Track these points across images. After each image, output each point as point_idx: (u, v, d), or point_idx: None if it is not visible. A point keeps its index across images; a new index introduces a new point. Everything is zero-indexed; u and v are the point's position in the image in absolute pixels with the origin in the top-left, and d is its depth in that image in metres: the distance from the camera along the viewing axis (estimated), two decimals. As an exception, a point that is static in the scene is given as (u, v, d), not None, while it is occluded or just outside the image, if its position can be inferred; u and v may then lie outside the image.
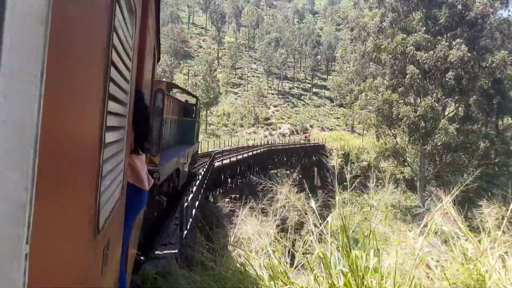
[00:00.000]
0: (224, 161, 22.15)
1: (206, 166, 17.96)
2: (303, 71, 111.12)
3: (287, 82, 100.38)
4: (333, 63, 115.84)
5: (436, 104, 33.12)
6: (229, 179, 23.85)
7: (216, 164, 20.45)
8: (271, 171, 37.47)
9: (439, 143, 33.15)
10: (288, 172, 48.80)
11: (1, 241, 0.68)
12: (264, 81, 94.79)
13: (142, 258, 6.31)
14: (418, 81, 33.97)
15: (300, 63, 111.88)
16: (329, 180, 49.01)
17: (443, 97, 34.20)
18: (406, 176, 49.54)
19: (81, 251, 1.30)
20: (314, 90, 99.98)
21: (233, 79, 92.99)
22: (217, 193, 21.12)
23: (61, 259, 1.04)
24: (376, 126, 36.18)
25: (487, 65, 32.38)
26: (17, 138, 0.71)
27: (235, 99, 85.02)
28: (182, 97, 19.60)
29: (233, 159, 23.76)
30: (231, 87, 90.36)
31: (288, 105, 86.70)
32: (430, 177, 38.68)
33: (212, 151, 24.72)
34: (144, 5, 2.91)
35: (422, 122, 34.26)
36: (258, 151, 30.59)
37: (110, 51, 1.50)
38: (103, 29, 1.41)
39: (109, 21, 1.48)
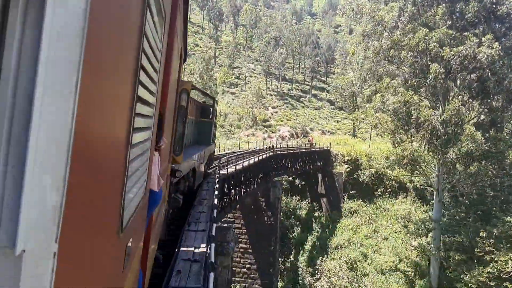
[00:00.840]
0: (230, 169, 18.47)
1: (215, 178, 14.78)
2: (302, 73, 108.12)
3: (286, 83, 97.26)
4: (332, 65, 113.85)
5: (463, 108, 29.69)
6: (233, 190, 20.21)
7: (221, 172, 16.86)
8: (275, 178, 33.92)
9: (463, 151, 29.69)
10: (291, 178, 45.37)
11: (32, 241, 0.70)
12: (262, 81, 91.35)
13: (161, 256, 5.99)
14: (442, 81, 30.53)
15: (299, 64, 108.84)
16: (335, 187, 45.42)
17: (470, 100, 30.77)
18: (417, 185, 46.11)
19: (105, 249, 1.33)
20: (313, 92, 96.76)
21: (230, 78, 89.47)
22: (220, 207, 17.48)
23: (86, 256, 1.07)
24: (393, 131, 32.65)
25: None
26: (52, 142, 0.74)
27: (232, 99, 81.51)
28: (199, 98, 19.70)
29: (239, 166, 20.10)
30: (228, 87, 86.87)
31: (287, 106, 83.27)
32: (448, 188, 35.22)
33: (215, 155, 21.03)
34: (173, 7, 3.06)
35: (445, 127, 30.82)
36: (263, 156, 26.92)
37: (140, 56, 1.57)
38: (134, 35, 1.47)
39: (140, 27, 1.56)
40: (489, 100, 31.26)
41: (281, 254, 35.98)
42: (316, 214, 43.32)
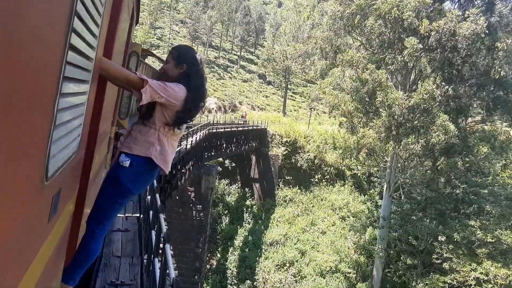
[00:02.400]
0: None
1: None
2: (230, 41, 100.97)
3: (213, 51, 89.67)
4: (262, 37, 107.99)
5: (437, 92, 25.12)
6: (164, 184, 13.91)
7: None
8: (207, 162, 27.38)
9: (433, 142, 25.31)
10: (220, 159, 38.96)
11: None
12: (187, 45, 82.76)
13: None
14: (415, 59, 25.70)
15: (227, 31, 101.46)
16: (269, 172, 39.88)
17: (442, 83, 26.31)
18: (357, 174, 42.03)
19: (26, 190, 1.30)
20: (242, 63, 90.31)
21: (151, 38, 79.81)
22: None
23: (3, 193, 1.03)
24: (351, 113, 27.41)
25: (502, 47, 24.97)
26: None
27: (153, 61, 72.43)
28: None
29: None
30: (148, 47, 77.39)
31: (214, 75, 76.03)
32: (401, 182, 31.10)
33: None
34: None
35: (413, 114, 26.22)
36: (198, 137, 20.37)
37: (71, 19, 1.52)
38: None
39: None
40: (461, 86, 27.09)
41: (206, 250, 29.83)
42: (247, 202, 37.54)
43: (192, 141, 18.10)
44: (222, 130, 28.91)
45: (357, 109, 27.36)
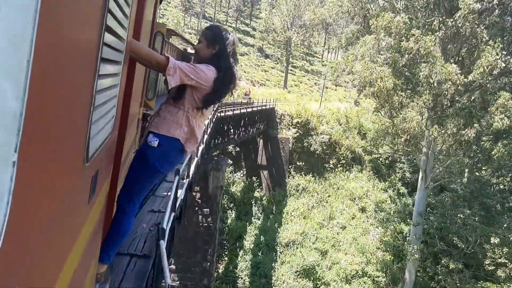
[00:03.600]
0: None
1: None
2: (224, 12, 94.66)
3: (206, 22, 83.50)
4: (257, 7, 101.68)
5: (501, 63, 20.11)
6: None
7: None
8: (214, 152, 22.40)
9: (495, 128, 20.52)
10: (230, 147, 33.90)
11: None
12: (180, 16, 76.60)
13: None
14: (470, 23, 20.58)
15: (221, 1, 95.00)
16: (279, 157, 34.96)
17: (503, 53, 21.27)
18: (375, 158, 37.25)
19: (69, 171, 1.30)
20: (238, 35, 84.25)
21: (140, 9, 73.38)
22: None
23: (47, 174, 1.04)
24: (388, 92, 22.29)
25: None
26: (12, 48, 0.74)
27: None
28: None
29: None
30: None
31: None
32: (439, 172, 26.37)
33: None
34: None
35: (468, 92, 21.28)
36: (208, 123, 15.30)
37: None
38: None
39: None
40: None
41: (216, 263, 25.07)
42: (256, 193, 32.68)
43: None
44: (231, 113, 23.76)
45: (397, 86, 22.29)
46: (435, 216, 26.45)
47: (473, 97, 20.80)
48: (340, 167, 36.79)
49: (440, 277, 25.11)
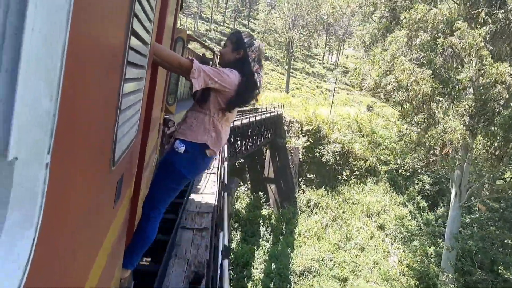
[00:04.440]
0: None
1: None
2: (221, 12, 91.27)
3: (203, 23, 79.98)
4: (255, 7, 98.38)
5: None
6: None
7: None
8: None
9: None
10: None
11: (24, 149, 0.70)
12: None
13: None
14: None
15: (218, 2, 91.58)
16: (288, 169, 31.40)
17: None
18: (394, 169, 33.70)
19: (97, 175, 1.31)
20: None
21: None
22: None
23: (77, 177, 1.05)
24: (426, 98, 18.72)
25: None
26: (46, 47, 0.73)
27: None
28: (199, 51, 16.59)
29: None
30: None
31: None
32: (476, 189, 22.89)
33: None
34: None
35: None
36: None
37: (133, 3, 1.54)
38: None
39: None
40: None
41: None
42: (263, 211, 29.08)
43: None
44: (239, 123, 20.16)
45: (435, 91, 18.78)
46: (473, 239, 22.97)
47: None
48: (354, 179, 33.24)
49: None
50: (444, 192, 33.49)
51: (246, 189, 31.64)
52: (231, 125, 3.45)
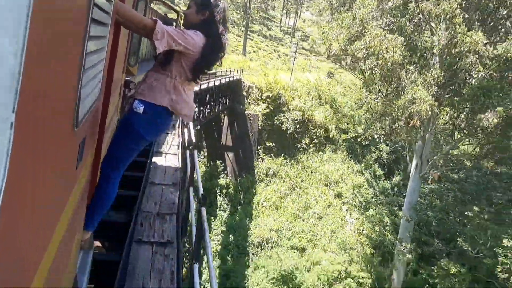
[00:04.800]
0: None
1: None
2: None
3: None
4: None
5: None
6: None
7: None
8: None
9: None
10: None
11: None
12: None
13: None
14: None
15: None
16: (247, 137, 30.28)
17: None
18: (350, 137, 33.35)
19: (60, 137, 1.28)
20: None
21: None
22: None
23: (41, 137, 1.02)
24: (394, 66, 17.88)
25: None
26: (10, 2, 0.73)
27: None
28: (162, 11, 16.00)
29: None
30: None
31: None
32: (436, 159, 22.77)
33: None
34: None
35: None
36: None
37: None
38: None
39: None
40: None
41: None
42: (221, 180, 27.96)
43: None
44: (197, 88, 18.62)
45: (405, 59, 17.97)
46: (433, 211, 23.02)
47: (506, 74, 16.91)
48: (313, 147, 32.63)
49: (436, 280, 21.83)
50: (400, 160, 33.68)
51: (203, 157, 30.33)
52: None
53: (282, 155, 30.90)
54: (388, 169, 33.58)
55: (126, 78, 4.81)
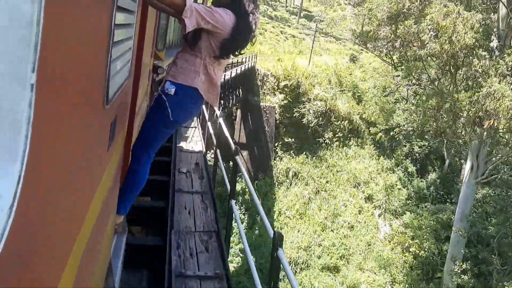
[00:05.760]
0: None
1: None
2: None
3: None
4: None
5: None
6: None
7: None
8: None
9: None
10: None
11: (3, 61, 0.60)
12: None
13: None
14: None
15: None
16: (262, 132, 26.38)
17: None
18: (375, 132, 29.30)
19: (90, 113, 1.18)
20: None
21: None
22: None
23: (69, 107, 0.92)
24: (465, 51, 13.78)
25: None
26: None
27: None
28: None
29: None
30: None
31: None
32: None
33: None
34: None
35: None
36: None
37: None
38: None
39: None
40: None
41: None
42: (237, 185, 24.10)
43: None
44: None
45: (477, 42, 13.89)
46: (490, 223, 19.20)
47: None
48: (336, 141, 28.67)
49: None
50: (434, 154, 29.85)
51: (212, 156, 26.47)
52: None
53: (304, 152, 26.98)
54: (421, 165, 29.67)
55: (154, 62, 4.38)
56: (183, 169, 5.96)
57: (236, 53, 2.95)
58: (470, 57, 14.20)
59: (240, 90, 25.07)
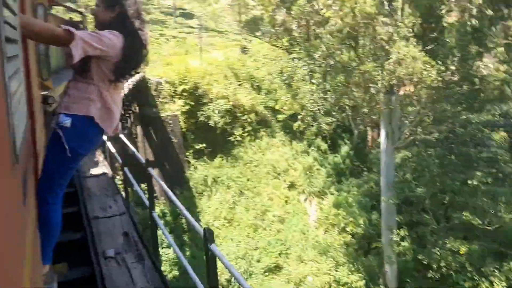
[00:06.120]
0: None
1: None
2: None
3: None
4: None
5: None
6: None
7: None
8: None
9: None
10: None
11: None
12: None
13: None
14: None
15: None
16: (170, 145, 24.46)
17: None
18: (282, 119, 28.82)
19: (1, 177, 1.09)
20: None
21: None
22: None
23: None
24: (368, 21, 13.25)
25: None
26: None
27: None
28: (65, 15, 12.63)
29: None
30: None
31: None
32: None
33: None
34: None
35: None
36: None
37: None
38: None
39: None
40: None
41: None
42: (156, 208, 21.94)
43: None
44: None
45: (377, 9, 13.46)
46: (416, 185, 19.45)
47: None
48: (247, 136, 27.65)
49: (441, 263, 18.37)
50: (340, 128, 30.16)
51: (120, 182, 23.94)
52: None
53: (218, 155, 25.56)
54: (332, 141, 29.82)
55: (42, 93, 4.18)
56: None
57: (132, 73, 2.79)
58: (373, 26, 13.74)
59: (136, 105, 22.82)
